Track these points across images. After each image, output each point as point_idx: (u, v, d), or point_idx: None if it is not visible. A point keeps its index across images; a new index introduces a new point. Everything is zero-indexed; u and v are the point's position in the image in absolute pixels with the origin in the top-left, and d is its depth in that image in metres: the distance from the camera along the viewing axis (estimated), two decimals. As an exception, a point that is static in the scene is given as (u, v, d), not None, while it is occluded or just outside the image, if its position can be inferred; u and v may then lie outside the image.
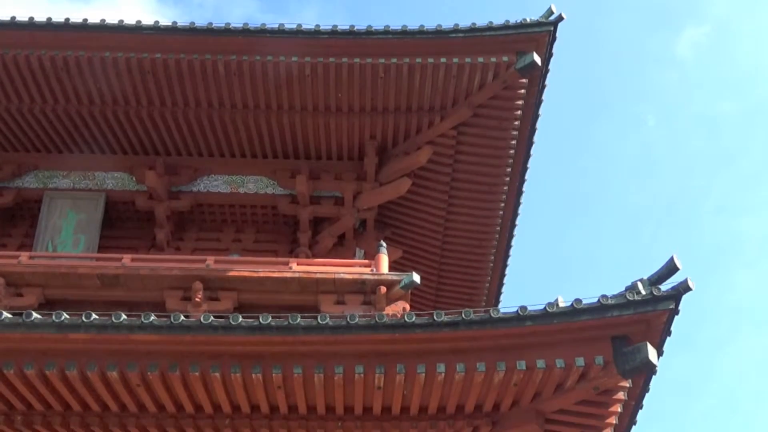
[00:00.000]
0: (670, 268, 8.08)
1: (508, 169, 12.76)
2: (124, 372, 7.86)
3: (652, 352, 7.78)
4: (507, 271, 14.46)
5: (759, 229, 34.32)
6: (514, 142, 12.45)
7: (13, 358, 7.80)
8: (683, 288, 7.98)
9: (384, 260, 11.08)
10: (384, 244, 11.40)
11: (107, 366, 7.79)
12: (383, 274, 10.68)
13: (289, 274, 10.57)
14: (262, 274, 10.57)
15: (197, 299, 10.31)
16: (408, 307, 10.31)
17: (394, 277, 10.47)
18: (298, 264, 10.91)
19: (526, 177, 12.96)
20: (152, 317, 7.81)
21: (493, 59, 11.55)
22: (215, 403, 8.35)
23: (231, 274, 10.57)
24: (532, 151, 12.63)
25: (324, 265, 11.18)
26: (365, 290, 10.45)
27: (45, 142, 12.70)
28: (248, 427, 8.56)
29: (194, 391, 8.15)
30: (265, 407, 8.37)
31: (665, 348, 8.29)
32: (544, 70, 11.89)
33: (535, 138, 12.51)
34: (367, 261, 11.48)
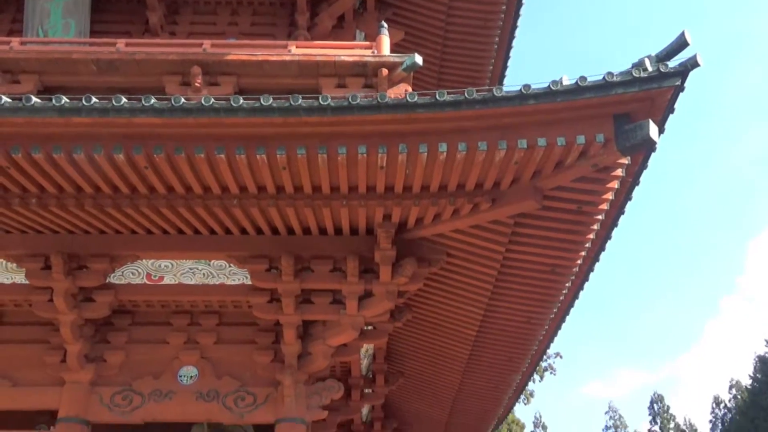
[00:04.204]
0: (680, 43, 7.78)
1: (517, -58, 12.00)
2: (131, 155, 7.95)
3: (653, 129, 7.75)
4: (512, 54, 14.11)
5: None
6: None
7: (19, 143, 7.87)
8: (691, 64, 7.74)
9: (385, 42, 10.75)
10: (385, 26, 10.99)
11: (113, 149, 7.87)
12: (385, 56, 10.42)
13: (288, 57, 10.33)
14: (261, 58, 10.33)
15: (197, 84, 10.20)
16: (410, 89, 10.18)
17: (396, 59, 10.24)
18: (297, 47, 10.63)
19: (536, -50, 12.21)
20: (153, 100, 7.75)
21: None
22: (222, 184, 8.55)
23: (229, 58, 10.33)
24: None
25: (324, 47, 10.88)
26: (366, 73, 10.27)
27: None
28: (256, 207, 8.85)
29: (201, 173, 8.31)
30: (271, 187, 8.59)
31: (666, 127, 8.26)
32: None
33: None
34: (368, 43, 11.15)
